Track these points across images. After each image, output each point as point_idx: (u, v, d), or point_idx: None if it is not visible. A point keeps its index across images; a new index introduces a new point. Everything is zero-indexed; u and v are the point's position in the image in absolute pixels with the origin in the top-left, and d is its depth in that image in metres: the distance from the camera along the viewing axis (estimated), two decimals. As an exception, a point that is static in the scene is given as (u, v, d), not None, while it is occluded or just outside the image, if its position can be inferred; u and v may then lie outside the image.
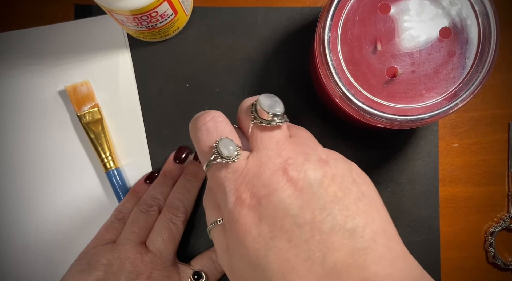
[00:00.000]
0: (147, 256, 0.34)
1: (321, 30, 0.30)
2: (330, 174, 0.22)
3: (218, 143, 0.23)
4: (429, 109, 0.30)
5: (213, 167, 0.24)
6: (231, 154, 0.23)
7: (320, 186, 0.22)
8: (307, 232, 0.21)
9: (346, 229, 0.21)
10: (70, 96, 0.39)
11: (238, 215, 0.22)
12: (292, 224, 0.21)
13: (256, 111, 0.24)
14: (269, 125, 0.24)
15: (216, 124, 0.24)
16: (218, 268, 0.37)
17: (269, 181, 0.22)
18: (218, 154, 0.23)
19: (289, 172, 0.22)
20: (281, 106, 0.24)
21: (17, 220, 0.39)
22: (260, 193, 0.22)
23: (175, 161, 0.39)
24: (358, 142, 0.40)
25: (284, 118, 0.24)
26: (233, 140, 0.24)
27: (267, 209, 0.22)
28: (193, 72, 0.40)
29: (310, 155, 0.23)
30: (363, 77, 0.30)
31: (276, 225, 0.21)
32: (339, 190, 0.22)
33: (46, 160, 0.40)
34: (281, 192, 0.22)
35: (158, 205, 0.36)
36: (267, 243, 0.21)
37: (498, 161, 0.40)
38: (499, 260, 0.39)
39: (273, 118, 0.23)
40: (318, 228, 0.21)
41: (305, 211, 0.21)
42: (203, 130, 0.24)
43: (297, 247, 0.21)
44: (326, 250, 0.21)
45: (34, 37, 0.40)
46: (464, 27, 0.30)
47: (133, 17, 0.33)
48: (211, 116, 0.25)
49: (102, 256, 0.34)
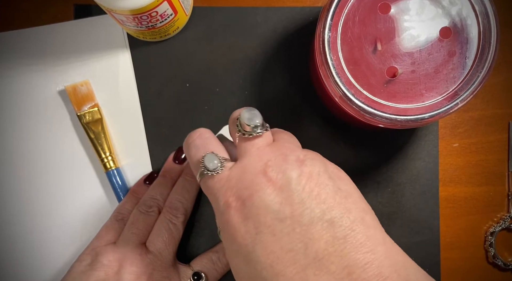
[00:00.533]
0: (147, 256, 0.34)
1: (321, 30, 0.30)
2: (307, 172, 0.24)
3: (204, 158, 0.27)
4: (429, 109, 0.30)
5: (203, 179, 0.27)
6: (216, 166, 0.26)
7: (298, 183, 0.24)
8: (288, 226, 0.23)
9: (324, 220, 0.23)
10: (70, 96, 0.39)
11: (227, 216, 0.25)
12: (274, 219, 0.24)
13: (240, 124, 0.27)
14: (251, 136, 0.27)
15: (203, 141, 0.28)
16: (217, 269, 0.37)
17: (250, 184, 0.25)
18: (205, 168, 0.27)
19: (269, 173, 0.25)
20: (259, 117, 0.27)
21: (17, 220, 0.39)
22: (243, 195, 0.25)
23: (175, 161, 0.39)
24: (358, 142, 0.40)
25: (265, 128, 0.27)
26: (219, 153, 0.27)
27: (251, 208, 0.24)
28: (193, 72, 0.40)
29: (288, 156, 0.25)
30: (363, 77, 0.30)
31: (260, 222, 0.24)
32: (315, 186, 0.24)
33: (46, 160, 0.39)
34: (262, 192, 0.24)
35: (157, 205, 0.36)
36: (254, 239, 0.24)
37: (498, 161, 0.40)
38: (499, 260, 0.39)
39: (253, 129, 0.27)
40: (298, 221, 0.23)
41: (285, 206, 0.24)
42: (191, 147, 0.28)
43: (281, 239, 0.23)
44: (307, 240, 0.23)
45: (34, 37, 0.40)
46: (464, 27, 0.30)
47: (133, 17, 0.33)
48: (198, 134, 0.29)
49: (102, 257, 0.34)
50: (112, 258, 0.33)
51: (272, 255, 0.23)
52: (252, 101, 0.40)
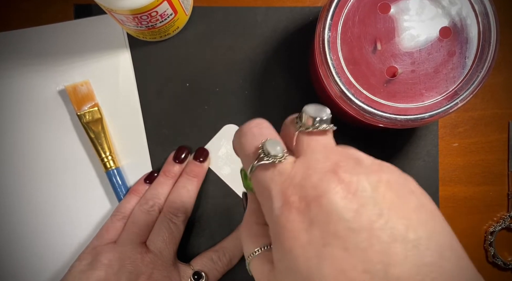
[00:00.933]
0: (148, 256, 0.34)
1: (321, 29, 0.30)
2: (386, 180, 0.20)
3: (264, 143, 0.22)
4: (429, 108, 0.30)
5: (258, 170, 0.22)
6: (278, 153, 0.22)
7: (376, 191, 0.19)
8: (365, 240, 0.18)
9: (408, 240, 0.18)
10: (70, 95, 0.39)
11: (286, 220, 0.20)
12: (346, 230, 0.19)
13: (301, 120, 0.23)
14: (316, 130, 0.22)
15: (261, 130, 0.24)
16: (218, 268, 0.37)
17: (319, 183, 0.20)
18: (264, 154, 0.22)
19: (340, 174, 0.20)
20: (327, 111, 0.23)
21: (17, 220, 0.39)
22: (309, 196, 0.20)
23: (175, 161, 0.39)
24: (358, 142, 0.39)
25: (331, 125, 0.23)
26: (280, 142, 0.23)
27: (318, 212, 0.19)
28: (193, 72, 0.40)
29: (361, 159, 0.21)
30: (363, 77, 0.30)
31: (329, 231, 0.19)
32: (396, 197, 0.20)
33: (46, 159, 0.39)
34: (332, 193, 0.19)
35: (158, 205, 0.36)
36: (320, 252, 0.19)
37: (498, 161, 0.40)
38: (499, 259, 0.39)
39: (320, 123, 0.22)
40: (377, 236, 0.18)
41: (361, 216, 0.19)
42: (248, 135, 0.23)
43: (354, 256, 0.18)
44: (388, 262, 0.18)
45: (34, 37, 0.40)
46: (464, 26, 0.30)
47: (133, 17, 0.33)
48: (255, 122, 0.24)
49: (103, 256, 0.34)
50: (112, 257, 0.33)
51: (342, 276, 0.18)
52: (252, 101, 0.40)
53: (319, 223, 0.19)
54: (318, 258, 0.19)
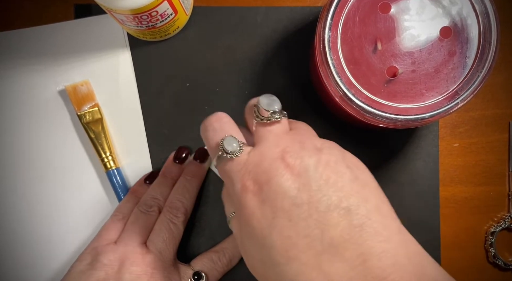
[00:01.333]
0: (148, 256, 0.34)
1: (321, 29, 0.30)
2: (324, 160, 0.25)
3: (223, 141, 0.27)
4: (429, 108, 0.30)
5: (221, 162, 0.27)
6: (234, 150, 0.26)
7: (315, 170, 0.24)
8: (305, 211, 0.23)
9: (341, 207, 0.23)
10: (70, 95, 0.39)
11: (244, 200, 0.25)
12: (291, 205, 0.24)
13: (258, 111, 0.28)
14: (269, 121, 0.27)
15: (221, 124, 0.28)
16: (218, 268, 0.37)
17: (269, 168, 0.25)
18: (223, 151, 0.27)
19: (287, 159, 0.25)
20: (278, 103, 0.27)
21: (17, 220, 0.39)
22: (261, 180, 0.25)
23: (175, 161, 0.39)
24: (358, 142, 0.39)
25: (283, 114, 0.27)
26: (237, 137, 0.27)
27: (268, 192, 0.24)
28: (193, 72, 0.40)
29: (305, 143, 0.26)
30: (364, 77, 0.30)
31: (277, 206, 0.24)
32: (332, 173, 0.24)
33: (46, 159, 0.39)
34: (280, 177, 0.24)
35: (158, 205, 0.36)
36: (270, 223, 0.24)
37: (498, 161, 0.40)
38: (500, 260, 0.39)
39: (272, 115, 0.27)
40: (315, 208, 0.23)
41: (302, 192, 0.24)
42: (209, 130, 0.28)
43: (297, 225, 0.23)
44: (324, 227, 0.23)
45: (34, 37, 0.40)
46: (464, 26, 0.30)
47: (133, 17, 0.33)
48: (216, 117, 0.29)
49: (103, 256, 0.33)
50: (112, 257, 0.33)
51: (287, 240, 0.23)
52: (252, 101, 0.40)
53: (269, 201, 0.24)
54: (269, 228, 0.24)
